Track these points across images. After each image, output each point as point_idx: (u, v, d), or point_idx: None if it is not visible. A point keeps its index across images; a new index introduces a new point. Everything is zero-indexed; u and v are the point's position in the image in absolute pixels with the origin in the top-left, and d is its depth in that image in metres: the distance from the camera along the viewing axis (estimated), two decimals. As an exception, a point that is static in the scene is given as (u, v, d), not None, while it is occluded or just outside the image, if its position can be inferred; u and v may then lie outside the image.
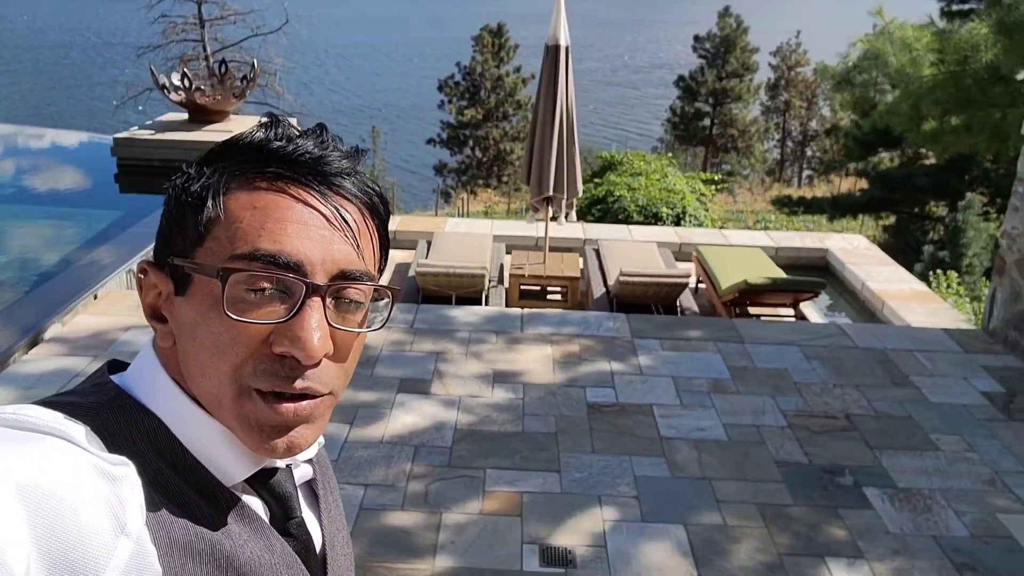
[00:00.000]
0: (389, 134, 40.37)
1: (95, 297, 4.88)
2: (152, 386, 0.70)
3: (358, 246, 0.70)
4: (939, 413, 4.14)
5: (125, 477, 0.61)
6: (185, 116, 7.90)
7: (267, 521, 0.73)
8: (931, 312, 7.28)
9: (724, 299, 7.15)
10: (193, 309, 0.67)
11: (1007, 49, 5.53)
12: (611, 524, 3.27)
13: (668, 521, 3.30)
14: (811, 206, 16.17)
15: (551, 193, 7.41)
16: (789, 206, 16.62)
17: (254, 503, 0.73)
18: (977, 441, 3.91)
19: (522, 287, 7.95)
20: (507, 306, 7.52)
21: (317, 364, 0.67)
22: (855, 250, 9.39)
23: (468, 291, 7.11)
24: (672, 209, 15.43)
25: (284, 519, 0.75)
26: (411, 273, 7.47)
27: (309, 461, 0.83)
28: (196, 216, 0.68)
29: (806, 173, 37.11)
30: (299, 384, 0.66)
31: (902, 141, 11.65)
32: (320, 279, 0.66)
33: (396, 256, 8.28)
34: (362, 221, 0.71)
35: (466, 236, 8.68)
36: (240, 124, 7.95)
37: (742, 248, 8.54)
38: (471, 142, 34.05)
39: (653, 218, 14.83)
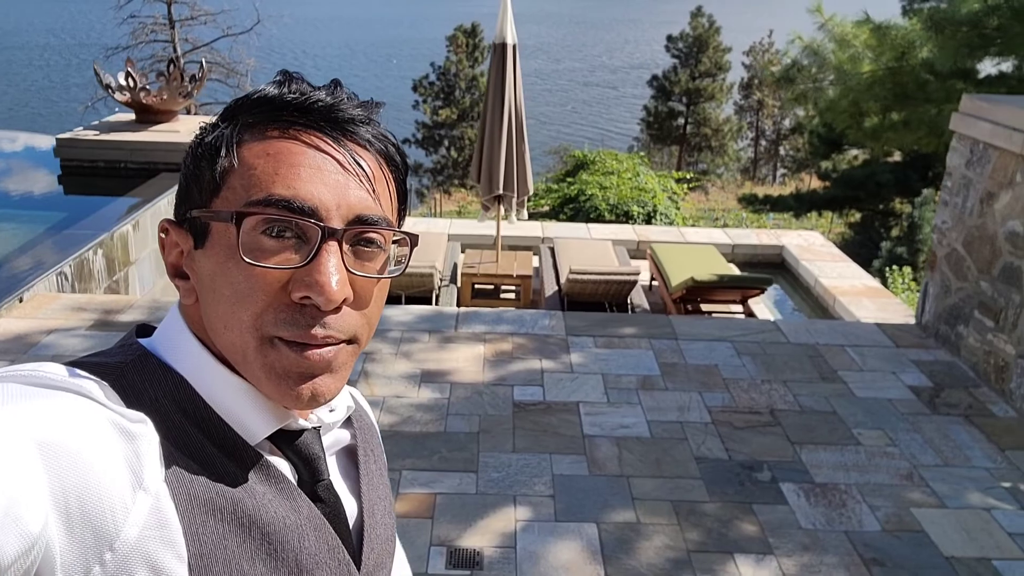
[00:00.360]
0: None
1: (20, 300, 4.80)
2: (176, 345, 0.71)
3: (374, 191, 0.69)
4: (864, 408, 4.15)
5: (143, 433, 0.61)
6: (132, 117, 7.81)
7: (294, 483, 0.72)
8: (880, 307, 7.33)
9: (674, 296, 7.16)
10: (212, 260, 0.67)
11: (940, 45, 5.57)
12: (523, 524, 3.24)
13: (581, 520, 3.28)
14: (777, 203, 16.26)
15: (501, 191, 7.39)
16: (755, 204, 16.71)
17: (281, 464, 0.72)
18: (899, 435, 3.92)
19: (476, 286, 7.93)
20: (459, 305, 7.48)
21: (337, 311, 0.67)
22: (810, 247, 9.44)
23: (417, 291, 7.07)
24: (643, 208, 15.50)
25: (312, 482, 0.74)
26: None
27: (348, 426, 0.82)
28: (211, 167, 0.68)
29: (780, 171, 37.36)
30: (319, 332, 0.66)
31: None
32: (336, 223, 0.66)
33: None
34: (377, 168, 0.71)
35: (420, 235, 8.62)
36: (189, 124, 7.86)
37: (695, 246, 8.56)
38: (446, 142, 34.00)
39: (624, 216, 14.89)
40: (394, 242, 0.72)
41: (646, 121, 35.68)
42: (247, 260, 0.64)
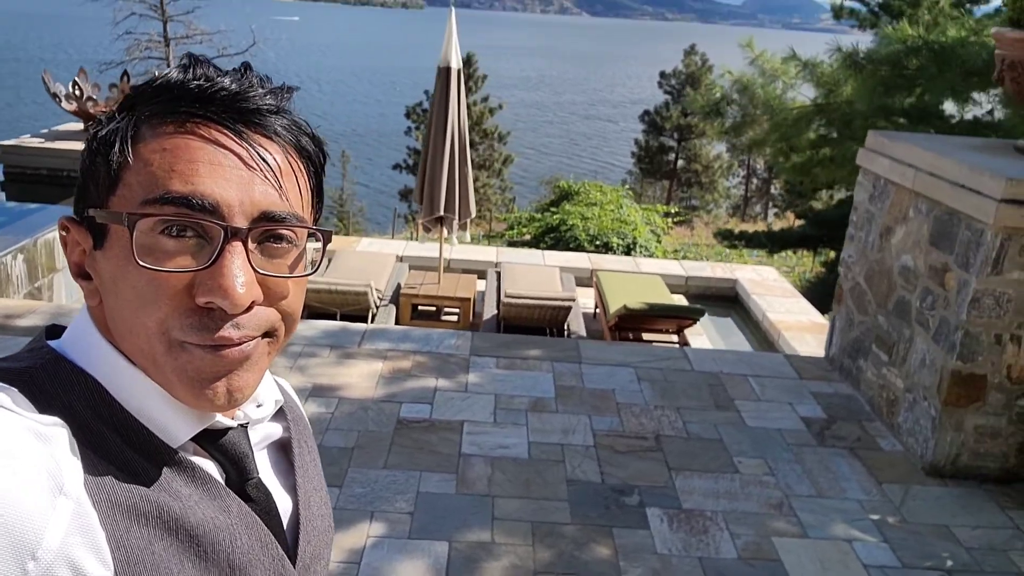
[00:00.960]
0: (371, 159, 40.57)
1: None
2: (87, 348, 0.67)
3: (281, 186, 0.65)
4: (751, 437, 4.12)
5: (58, 436, 0.58)
6: (81, 126, 7.85)
7: (222, 483, 0.70)
8: (821, 343, 7.32)
9: (609, 323, 7.15)
10: (111, 263, 0.64)
11: (860, 84, 5.61)
12: (374, 540, 3.20)
13: (435, 538, 3.24)
14: (751, 240, 16.26)
15: (442, 213, 7.41)
16: (730, 239, 16.72)
17: (207, 465, 0.70)
18: (779, 465, 3.89)
19: (419, 307, 7.92)
20: (397, 324, 7.47)
21: (248, 310, 0.63)
22: (763, 282, 9.45)
23: (352, 308, 7.05)
24: (623, 239, 15.57)
25: (241, 481, 0.71)
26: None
27: (280, 419, 0.80)
28: (107, 163, 0.64)
29: (773, 210, 37.48)
30: (233, 333, 0.63)
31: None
32: (239, 222, 0.63)
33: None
34: (285, 161, 0.67)
35: (368, 255, 8.64)
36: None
37: (642, 275, 8.56)
38: (437, 169, 34.12)
39: (603, 247, 14.95)
40: (310, 236, 0.69)
41: (637, 155, 35.91)
42: (142, 264, 0.61)
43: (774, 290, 9.09)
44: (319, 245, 0.70)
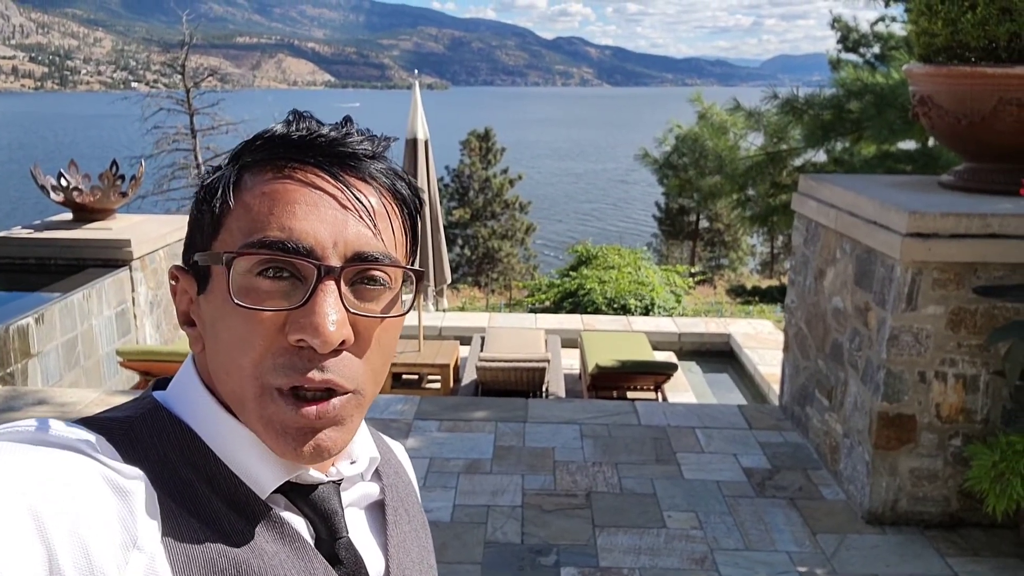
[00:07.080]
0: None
1: None
2: (187, 397, 0.69)
3: (375, 227, 0.66)
4: (686, 490, 4.00)
5: (138, 491, 0.59)
6: (71, 216, 8.12)
7: (311, 542, 0.68)
8: (808, 394, 7.15)
9: (587, 383, 7.07)
10: (212, 305, 0.66)
11: (803, 130, 5.61)
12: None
13: (337, 604, 3.17)
14: (764, 295, 16.13)
15: (417, 282, 7.47)
16: (743, 295, 16.60)
17: (296, 521, 0.68)
18: (710, 519, 3.76)
19: (403, 376, 7.93)
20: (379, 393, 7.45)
21: (337, 354, 0.63)
22: (757, 335, 9.32)
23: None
24: (640, 301, 15.48)
25: (331, 540, 0.69)
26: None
27: (377, 481, 0.78)
28: (211, 210, 0.67)
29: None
30: (317, 376, 0.62)
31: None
32: (333, 261, 0.63)
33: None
34: (380, 203, 0.67)
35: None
36: (125, 222, 8.15)
37: (625, 334, 8.49)
38: (460, 240, 34.63)
39: (621, 309, 14.89)
40: (404, 281, 0.68)
41: (658, 218, 36.01)
42: (236, 302, 0.62)
43: (768, 343, 8.94)
44: (411, 289, 0.69)
